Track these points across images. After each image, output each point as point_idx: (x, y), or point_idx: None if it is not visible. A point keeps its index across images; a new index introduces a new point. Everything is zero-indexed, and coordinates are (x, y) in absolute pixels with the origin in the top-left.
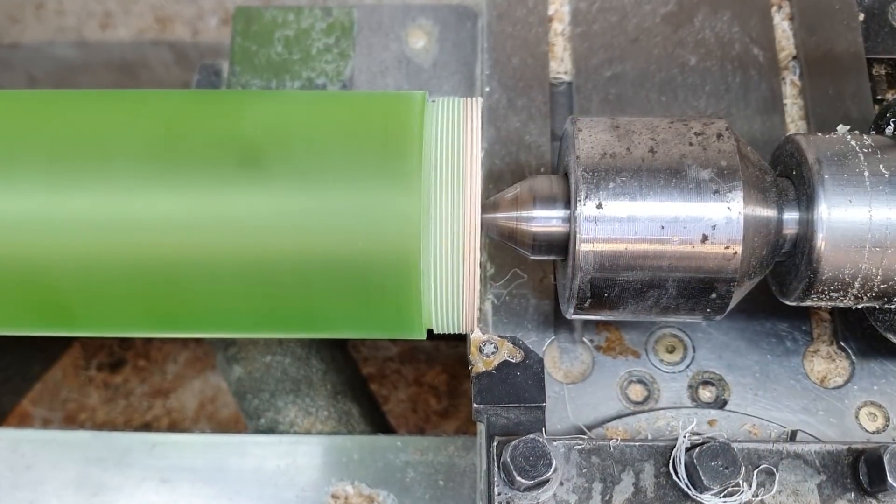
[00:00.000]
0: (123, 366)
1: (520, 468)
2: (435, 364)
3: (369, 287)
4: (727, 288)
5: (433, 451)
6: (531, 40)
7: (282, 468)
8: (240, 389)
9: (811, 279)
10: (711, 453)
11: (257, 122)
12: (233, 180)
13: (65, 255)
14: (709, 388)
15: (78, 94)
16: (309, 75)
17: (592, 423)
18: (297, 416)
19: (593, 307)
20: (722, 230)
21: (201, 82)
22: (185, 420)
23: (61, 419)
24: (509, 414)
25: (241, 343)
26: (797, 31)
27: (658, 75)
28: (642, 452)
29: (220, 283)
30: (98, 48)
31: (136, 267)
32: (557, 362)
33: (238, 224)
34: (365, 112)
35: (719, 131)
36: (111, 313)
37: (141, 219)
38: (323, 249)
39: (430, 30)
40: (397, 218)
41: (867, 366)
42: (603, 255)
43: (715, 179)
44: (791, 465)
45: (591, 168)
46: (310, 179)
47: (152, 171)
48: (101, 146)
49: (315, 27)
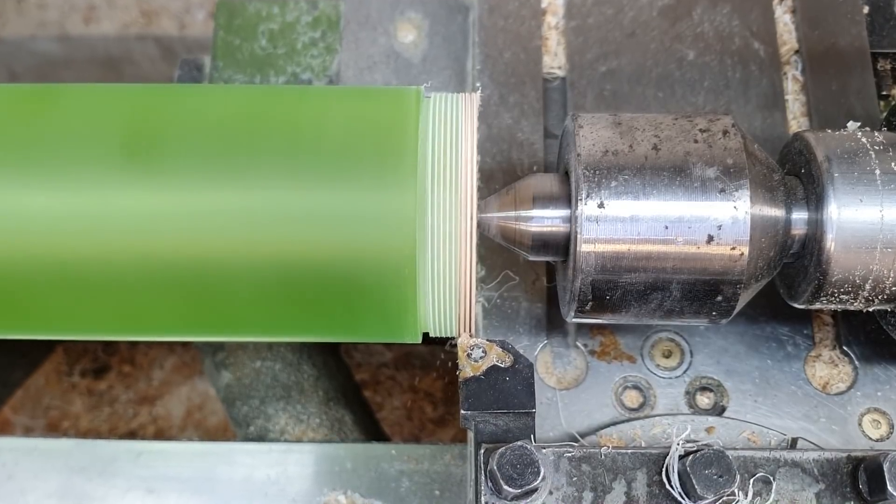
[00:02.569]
0: (108, 372)
1: (507, 476)
2: (430, 370)
3: (363, 289)
4: (733, 290)
5: (429, 459)
6: (524, 34)
7: (272, 478)
8: (228, 396)
9: (820, 281)
10: (705, 461)
11: (244, 118)
12: (218, 177)
13: (30, 253)
14: (707, 395)
15: (55, 89)
16: (294, 70)
17: (586, 431)
18: (288, 424)
19: (594, 310)
20: (728, 230)
21: (183, 78)
22: (171, 428)
23: (43, 427)
24: (498, 421)
25: (230, 348)
26: (799, 25)
27: (655, 70)
28: (634, 460)
29: (205, 284)
30: (81, 43)
31: (111, 267)
32: (550, 367)
33: (224, 222)
34: (358, 108)
35: (725, 128)
36: (88, 316)
37: (114, 217)
38: (314, 249)
39: (419, 23)
40: (392, 217)
41: (871, 371)
42: (605, 256)
43: (721, 178)
44: (789, 473)
45: (593, 166)
46: (300, 177)
47: (130, 167)
48: (81, 142)
49: (300, 20)
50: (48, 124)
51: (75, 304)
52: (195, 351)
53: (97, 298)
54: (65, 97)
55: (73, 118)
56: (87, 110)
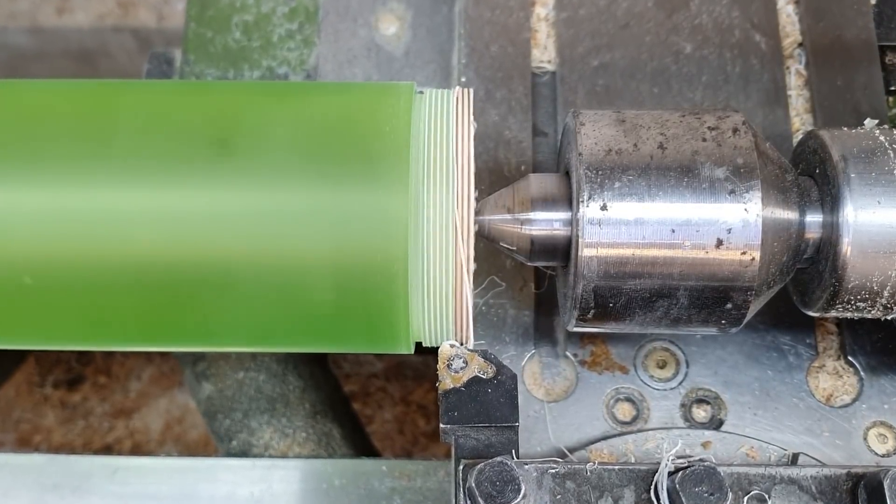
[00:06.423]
0: (82, 383)
1: (486, 494)
2: (423, 381)
3: (351, 296)
4: (744, 298)
5: (421, 476)
6: (512, 26)
7: (256, 495)
8: (210, 409)
9: (836, 288)
10: (696, 478)
11: (226, 115)
12: (199, 177)
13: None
14: (703, 407)
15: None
16: (269, 64)
17: (575, 445)
18: (273, 438)
19: (597, 318)
20: (738, 234)
21: (152, 72)
22: (149, 442)
23: (14, 441)
24: (479, 435)
25: (211, 358)
26: (803, 16)
27: (650, 64)
28: (622, 477)
29: (182, 290)
30: (54, 35)
31: (85, 271)
32: (538, 378)
33: (204, 225)
34: (346, 104)
35: (735, 126)
36: (58, 323)
37: (89, 218)
38: (299, 253)
39: (402, 14)
40: (382, 219)
41: (877, 383)
42: (608, 261)
43: (731, 178)
44: (785, 490)
45: (595, 166)
46: (284, 177)
47: (104, 165)
48: (62, 138)
49: (276, 11)
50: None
51: (47, 310)
52: (174, 361)
53: (68, 305)
54: (22, 92)
55: (30, 114)
56: (46, 105)
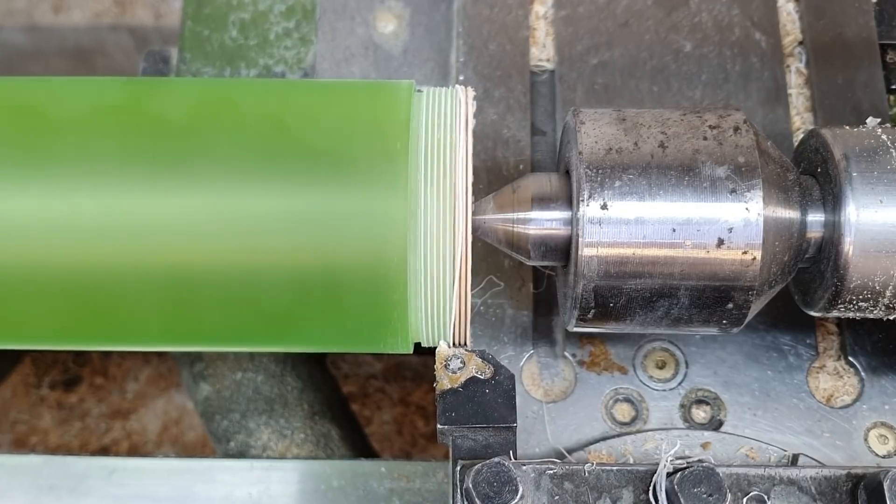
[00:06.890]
0: (79, 384)
1: (483, 495)
2: (422, 382)
3: (350, 296)
4: (745, 297)
5: (420, 477)
6: (510, 24)
7: (254, 496)
8: (207, 410)
9: (838, 287)
10: (694, 479)
11: (220, 113)
12: (192, 177)
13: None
14: (703, 408)
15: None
16: (266, 63)
17: (574, 446)
18: (271, 439)
19: (597, 318)
20: (739, 233)
21: (147, 71)
22: (146, 443)
23: (10, 442)
24: (476, 436)
25: (209, 358)
26: (803, 15)
27: (649, 63)
28: (620, 478)
29: (181, 290)
30: (50, 33)
31: (82, 273)
32: (536, 379)
33: (201, 226)
34: (345, 103)
35: (736, 124)
36: (56, 323)
37: (88, 223)
38: (298, 254)
39: (399, 12)
40: (381, 220)
41: (878, 383)
42: (608, 260)
43: (732, 177)
44: (784, 491)
45: (596, 165)
46: (282, 177)
47: (101, 169)
48: (64, 141)
49: (273, 9)
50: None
51: (43, 310)
52: (172, 362)
53: (68, 305)
54: (17, 91)
55: (28, 117)
56: (46, 109)
